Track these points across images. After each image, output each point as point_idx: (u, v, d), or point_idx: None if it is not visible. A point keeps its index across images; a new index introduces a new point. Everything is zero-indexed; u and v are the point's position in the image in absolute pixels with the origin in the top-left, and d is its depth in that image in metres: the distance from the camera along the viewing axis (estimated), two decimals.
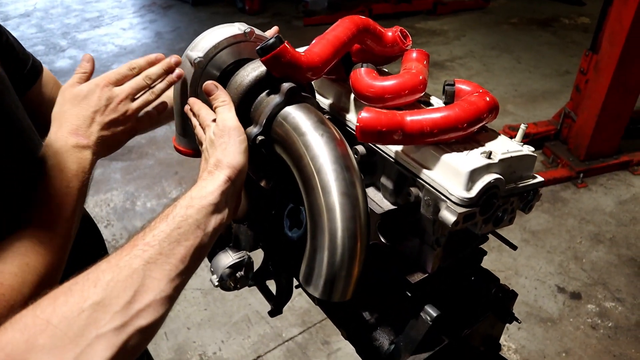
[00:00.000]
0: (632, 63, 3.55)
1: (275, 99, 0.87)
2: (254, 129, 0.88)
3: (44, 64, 1.15)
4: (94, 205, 3.66)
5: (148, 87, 1.00)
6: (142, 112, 1.03)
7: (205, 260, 1.04)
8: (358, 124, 0.80)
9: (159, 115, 1.08)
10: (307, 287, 0.83)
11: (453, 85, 0.91)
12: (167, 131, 4.51)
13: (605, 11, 3.65)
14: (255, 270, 1.21)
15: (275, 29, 1.10)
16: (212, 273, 1.16)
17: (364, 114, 0.80)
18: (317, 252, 0.77)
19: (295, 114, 0.85)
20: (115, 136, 0.98)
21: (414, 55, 0.98)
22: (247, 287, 1.22)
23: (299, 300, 2.87)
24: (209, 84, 0.89)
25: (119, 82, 0.98)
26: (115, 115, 0.96)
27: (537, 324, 2.80)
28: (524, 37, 6.70)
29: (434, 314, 0.90)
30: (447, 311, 0.92)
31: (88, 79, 1.01)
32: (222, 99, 0.87)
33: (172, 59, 1.00)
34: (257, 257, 1.19)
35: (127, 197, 3.77)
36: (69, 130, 0.92)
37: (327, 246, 0.76)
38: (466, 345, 1.01)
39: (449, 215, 0.78)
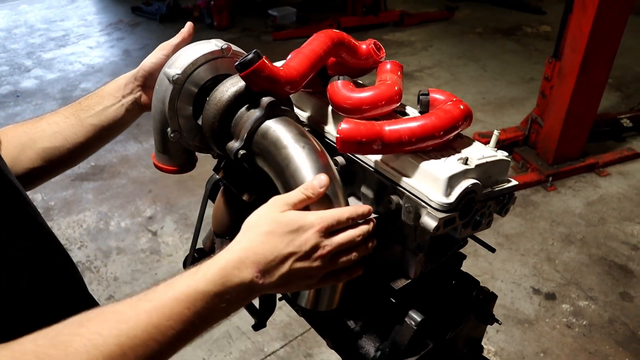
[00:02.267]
0: (594, 68, 3.68)
1: (256, 113, 0.88)
2: (235, 144, 0.89)
3: (8, 84, 1.08)
4: (66, 227, 3.59)
5: (354, 247, 0.81)
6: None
7: None
8: (338, 135, 0.82)
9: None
10: (294, 298, 0.84)
11: (427, 94, 0.94)
12: (139, 149, 4.47)
13: (565, 19, 3.77)
14: None
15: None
16: None
17: (343, 125, 0.82)
18: None
19: (275, 127, 0.86)
20: (290, 286, 0.80)
21: (388, 66, 1.00)
22: None
23: (279, 314, 2.85)
24: None
25: (333, 230, 0.79)
26: (309, 265, 0.77)
27: (515, 326, 2.85)
28: (489, 46, 6.86)
29: (419, 319, 0.92)
30: (431, 315, 0.94)
31: None
32: None
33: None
34: None
35: (100, 217, 3.71)
36: (256, 261, 0.74)
37: None
38: (450, 348, 1.02)
39: (429, 221, 0.80)
